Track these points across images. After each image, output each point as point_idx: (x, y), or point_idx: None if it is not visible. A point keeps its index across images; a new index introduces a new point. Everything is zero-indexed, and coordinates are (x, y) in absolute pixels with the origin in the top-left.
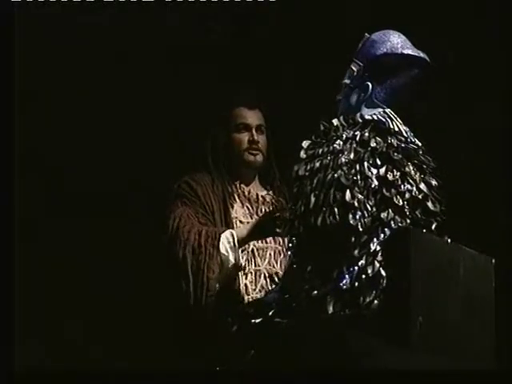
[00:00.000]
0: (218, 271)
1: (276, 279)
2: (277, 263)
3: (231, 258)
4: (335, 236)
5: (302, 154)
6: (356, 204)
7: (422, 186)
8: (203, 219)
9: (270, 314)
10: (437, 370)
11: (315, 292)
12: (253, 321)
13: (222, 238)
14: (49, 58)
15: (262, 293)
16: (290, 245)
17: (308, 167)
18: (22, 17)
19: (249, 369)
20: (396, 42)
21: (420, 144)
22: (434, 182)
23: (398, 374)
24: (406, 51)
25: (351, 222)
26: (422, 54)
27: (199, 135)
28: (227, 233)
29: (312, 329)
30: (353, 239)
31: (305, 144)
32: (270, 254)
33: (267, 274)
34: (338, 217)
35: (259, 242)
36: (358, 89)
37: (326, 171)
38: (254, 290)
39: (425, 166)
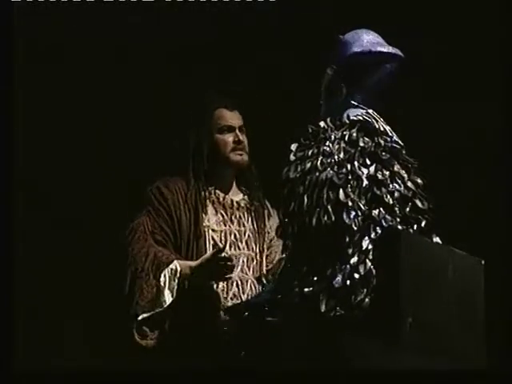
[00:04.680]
0: (150, 300)
1: (250, 286)
2: (249, 270)
3: (166, 294)
4: (330, 235)
5: (292, 157)
6: (350, 203)
7: (410, 184)
8: (160, 235)
9: (262, 313)
10: (426, 370)
11: (308, 290)
12: (244, 321)
13: (165, 271)
14: (49, 58)
15: (234, 301)
16: (285, 247)
17: (299, 169)
18: (22, 17)
19: (240, 369)
20: (366, 40)
21: (402, 144)
22: (419, 181)
23: (388, 374)
24: (376, 48)
25: (346, 221)
26: (393, 50)
27: (179, 138)
28: (172, 265)
29: (304, 328)
30: (347, 238)
31: (293, 147)
32: (243, 261)
33: (239, 282)
34: (332, 216)
35: (232, 249)
36: (334, 92)
37: (317, 172)
38: (226, 298)
39: (410, 165)
